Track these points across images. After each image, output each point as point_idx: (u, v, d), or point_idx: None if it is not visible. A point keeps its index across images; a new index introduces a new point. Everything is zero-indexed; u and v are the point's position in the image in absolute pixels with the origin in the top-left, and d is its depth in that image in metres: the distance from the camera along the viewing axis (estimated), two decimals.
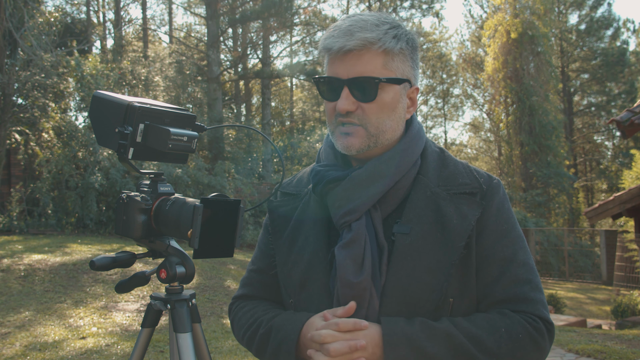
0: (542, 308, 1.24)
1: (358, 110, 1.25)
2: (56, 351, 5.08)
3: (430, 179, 1.29)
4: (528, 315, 1.22)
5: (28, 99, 11.97)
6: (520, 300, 1.23)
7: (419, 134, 1.34)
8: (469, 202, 1.25)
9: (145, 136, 1.27)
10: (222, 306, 7.38)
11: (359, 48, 1.23)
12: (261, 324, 1.33)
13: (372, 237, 1.25)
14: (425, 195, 1.26)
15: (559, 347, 6.37)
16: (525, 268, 1.26)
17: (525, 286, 1.24)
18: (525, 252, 1.29)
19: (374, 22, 1.26)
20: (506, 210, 1.30)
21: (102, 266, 1.31)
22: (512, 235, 1.28)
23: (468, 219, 1.23)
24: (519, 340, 1.18)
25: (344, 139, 1.26)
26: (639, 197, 9.29)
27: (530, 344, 1.19)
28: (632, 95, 28.80)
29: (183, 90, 19.40)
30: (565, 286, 16.60)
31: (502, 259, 1.25)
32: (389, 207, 1.28)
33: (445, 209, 1.24)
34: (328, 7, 63.30)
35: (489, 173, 1.34)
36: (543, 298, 1.26)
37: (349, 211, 1.25)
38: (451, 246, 1.21)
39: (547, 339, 1.22)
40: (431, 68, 33.27)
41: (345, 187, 1.26)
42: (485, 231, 1.26)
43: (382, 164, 1.26)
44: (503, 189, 1.32)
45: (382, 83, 1.24)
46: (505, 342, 1.17)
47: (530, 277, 1.25)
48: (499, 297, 1.24)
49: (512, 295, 1.23)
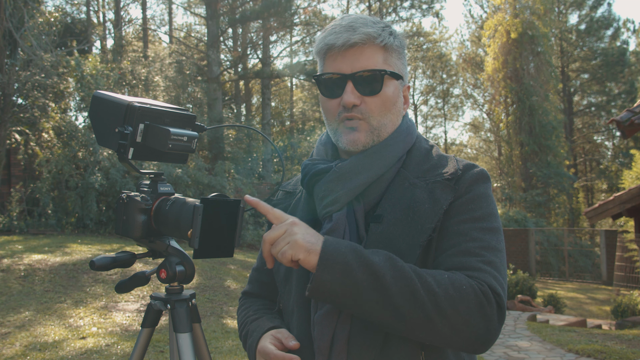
0: (493, 279, 1.13)
1: (362, 105, 1.28)
2: (56, 351, 5.08)
3: (411, 172, 1.29)
4: (475, 278, 1.12)
5: (28, 99, 11.97)
6: (467, 268, 1.14)
7: (407, 130, 1.35)
8: (443, 187, 1.23)
9: (145, 136, 1.27)
10: (222, 306, 7.38)
11: (362, 42, 1.26)
12: (246, 325, 1.42)
13: (353, 229, 1.26)
14: (403, 187, 1.27)
15: (559, 347, 6.37)
16: (481, 244, 1.17)
17: (474, 258, 1.15)
18: (488, 234, 1.19)
19: (371, 19, 1.30)
20: (478, 194, 1.24)
21: (102, 266, 1.32)
22: (475, 215, 1.21)
23: (440, 203, 1.21)
24: (462, 290, 1.08)
25: (349, 134, 1.28)
26: (639, 197, 9.29)
27: (475, 302, 1.09)
28: (632, 95, 28.80)
29: (183, 90, 19.40)
30: (565, 286, 16.60)
31: (456, 233, 1.19)
32: (372, 201, 1.29)
33: (419, 196, 1.23)
34: (328, 7, 63.24)
35: (475, 164, 1.31)
36: (498, 275, 1.15)
37: (331, 202, 1.27)
38: (420, 229, 1.19)
39: (495, 308, 1.11)
40: (431, 68, 33.27)
41: (329, 179, 1.28)
42: (449, 209, 1.22)
43: (365, 158, 1.28)
44: (485, 177, 1.27)
45: (386, 77, 1.27)
46: (446, 285, 1.09)
47: (484, 252, 1.16)
48: (446, 265, 1.17)
49: (458, 263, 1.15)
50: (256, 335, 1.33)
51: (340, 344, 1.20)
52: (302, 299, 1.28)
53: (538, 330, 7.55)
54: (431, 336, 1.10)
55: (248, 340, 1.36)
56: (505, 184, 24.51)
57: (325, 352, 1.20)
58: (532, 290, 11.27)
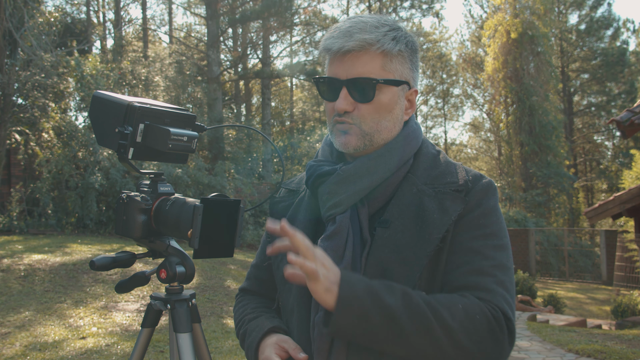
0: (504, 302, 1.17)
1: (355, 111, 1.28)
2: (56, 351, 5.08)
3: (418, 178, 1.29)
4: (488, 302, 1.16)
5: (28, 99, 11.96)
6: (480, 289, 1.17)
7: (413, 134, 1.35)
8: (453, 198, 1.25)
9: (145, 136, 1.27)
10: (222, 306, 7.38)
11: (357, 49, 1.25)
12: (244, 323, 1.40)
13: (357, 232, 1.26)
14: (411, 193, 1.27)
15: (559, 347, 6.37)
16: (494, 262, 1.20)
17: (487, 278, 1.18)
18: (499, 251, 1.22)
19: (373, 24, 1.28)
20: (489, 208, 1.26)
21: (102, 266, 1.32)
22: (487, 231, 1.23)
23: (449, 214, 1.22)
24: (475, 320, 1.12)
25: (341, 137, 1.29)
26: (639, 197, 9.29)
27: (488, 330, 1.13)
28: (632, 95, 28.81)
29: (183, 90, 19.39)
30: (565, 286, 16.60)
31: (469, 250, 1.21)
32: (377, 204, 1.29)
33: (428, 205, 1.24)
34: (328, 7, 63.40)
35: (483, 174, 1.33)
36: (508, 296, 1.19)
37: (335, 204, 1.27)
38: (428, 238, 1.20)
39: (507, 335, 1.15)
40: (431, 68, 33.27)
41: (333, 181, 1.28)
42: (459, 223, 1.23)
43: (370, 161, 1.28)
44: (493, 189, 1.29)
45: (380, 84, 1.26)
46: (460, 318, 1.12)
47: (496, 272, 1.19)
48: (458, 284, 1.19)
49: (472, 282, 1.18)
50: (255, 335, 1.32)
51: (340, 347, 1.19)
52: (302, 298, 1.28)
53: (538, 330, 7.55)
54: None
55: (247, 339, 1.35)
56: (505, 184, 24.51)
57: (324, 354, 1.20)
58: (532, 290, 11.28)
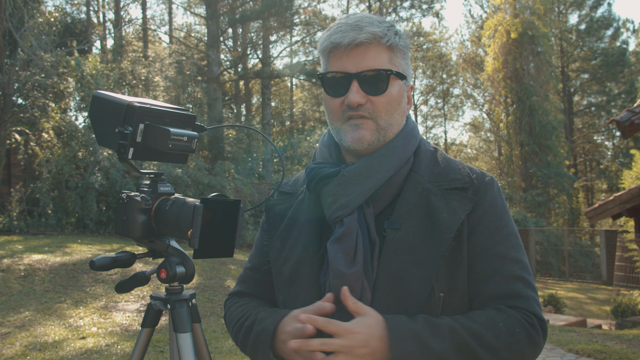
0: (536, 305, 1.24)
1: (368, 104, 1.27)
2: (56, 351, 5.08)
3: (422, 176, 1.29)
4: (523, 311, 1.22)
5: (28, 99, 11.96)
6: (514, 297, 1.23)
7: (412, 132, 1.35)
8: (460, 197, 1.26)
9: (145, 136, 1.27)
10: (222, 306, 7.38)
11: (368, 42, 1.26)
12: (248, 317, 1.35)
13: (365, 232, 1.26)
14: (416, 192, 1.27)
15: (559, 347, 6.37)
16: (519, 265, 1.25)
17: (518, 283, 1.24)
18: (519, 250, 1.28)
19: (377, 19, 1.30)
20: (500, 207, 1.29)
21: (102, 266, 1.31)
22: (505, 232, 1.27)
23: (458, 213, 1.23)
24: (516, 334, 1.18)
25: (354, 132, 1.27)
26: (639, 197, 9.28)
27: (527, 338, 1.19)
28: (632, 95, 28.81)
29: (183, 90, 19.39)
30: (565, 286, 16.60)
31: (495, 256, 1.24)
32: (382, 204, 1.29)
33: (436, 204, 1.25)
34: (328, 7, 63.19)
35: (483, 170, 1.35)
36: (536, 296, 1.26)
37: (341, 206, 1.26)
38: (440, 239, 1.21)
39: (541, 335, 1.23)
40: (431, 68, 33.24)
41: (338, 183, 1.27)
42: (478, 227, 1.25)
43: (374, 160, 1.28)
44: (497, 185, 1.32)
45: (391, 76, 1.27)
46: (504, 337, 1.17)
47: (523, 274, 1.25)
48: (492, 293, 1.24)
49: (505, 291, 1.23)
50: (271, 320, 1.26)
51: None
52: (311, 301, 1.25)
53: None
54: None
55: (257, 326, 1.29)
56: (505, 184, 24.50)
57: None
58: None
